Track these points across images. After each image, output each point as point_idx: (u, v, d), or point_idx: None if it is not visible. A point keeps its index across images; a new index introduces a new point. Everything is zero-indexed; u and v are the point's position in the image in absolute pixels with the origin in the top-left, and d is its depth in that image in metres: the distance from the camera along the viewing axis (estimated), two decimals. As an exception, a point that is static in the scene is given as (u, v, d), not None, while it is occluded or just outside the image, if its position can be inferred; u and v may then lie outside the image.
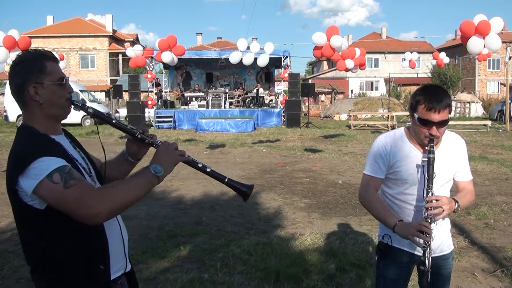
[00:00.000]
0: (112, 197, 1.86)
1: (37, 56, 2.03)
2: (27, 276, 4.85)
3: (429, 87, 2.67)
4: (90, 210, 1.82)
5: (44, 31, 50.82)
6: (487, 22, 10.75)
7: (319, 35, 12.16)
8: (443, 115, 2.52)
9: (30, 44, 12.82)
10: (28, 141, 1.95)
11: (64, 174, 1.84)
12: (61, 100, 2.03)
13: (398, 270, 2.81)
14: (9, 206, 7.26)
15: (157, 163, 2.00)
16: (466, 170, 2.77)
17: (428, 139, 2.56)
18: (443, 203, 2.51)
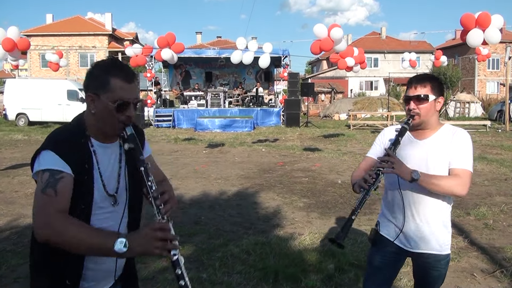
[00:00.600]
0: (63, 232, 1.81)
1: (107, 68, 2.00)
2: (25, 275, 4.85)
3: (419, 73, 2.86)
4: (37, 225, 1.86)
5: (43, 30, 50.75)
6: (487, 15, 10.73)
7: (320, 27, 12.15)
8: (418, 90, 2.69)
9: (29, 46, 12.79)
10: (60, 131, 2.06)
11: (51, 179, 1.88)
12: (112, 120, 2.00)
13: (383, 259, 2.91)
14: (7, 204, 7.25)
15: (129, 240, 1.79)
16: (459, 158, 2.67)
17: (409, 115, 2.73)
18: (394, 160, 2.58)
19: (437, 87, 2.72)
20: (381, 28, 64.86)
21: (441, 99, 2.75)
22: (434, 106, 2.72)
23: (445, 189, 2.61)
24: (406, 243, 2.82)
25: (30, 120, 27.20)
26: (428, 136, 2.76)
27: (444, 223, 2.81)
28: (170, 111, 26.28)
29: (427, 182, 2.58)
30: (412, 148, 2.77)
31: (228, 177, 10.38)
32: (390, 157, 2.59)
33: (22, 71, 51.58)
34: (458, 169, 2.65)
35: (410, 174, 2.55)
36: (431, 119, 2.73)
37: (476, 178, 10.06)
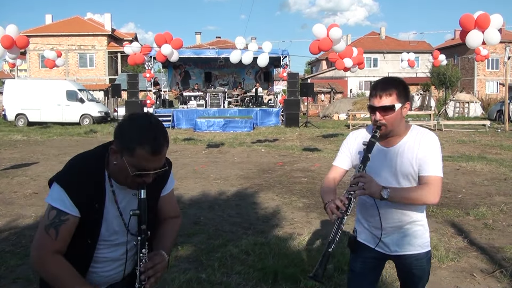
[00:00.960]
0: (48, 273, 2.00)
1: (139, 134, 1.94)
2: (24, 276, 4.84)
3: (383, 78, 2.73)
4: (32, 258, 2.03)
5: (42, 30, 50.78)
6: (486, 16, 10.73)
7: (319, 26, 12.16)
8: (385, 100, 2.56)
9: (28, 44, 12.77)
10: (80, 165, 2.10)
11: (57, 219, 1.99)
12: (127, 180, 2.01)
13: (364, 265, 2.87)
14: (6, 205, 7.23)
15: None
16: (428, 165, 2.58)
17: (376, 126, 2.61)
18: (365, 180, 2.50)
19: (402, 93, 2.61)
20: (381, 28, 64.97)
21: (407, 105, 2.66)
22: (401, 114, 2.62)
23: (417, 201, 2.59)
24: (386, 248, 2.80)
25: (29, 121, 27.22)
26: (396, 143, 2.68)
27: (421, 223, 2.78)
28: (170, 111, 26.27)
29: (397, 198, 2.53)
30: (381, 157, 2.69)
31: (228, 177, 10.37)
32: (361, 177, 2.52)
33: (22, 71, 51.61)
34: (428, 176, 2.58)
35: (380, 194, 2.48)
36: (398, 127, 2.64)
37: (475, 178, 10.06)
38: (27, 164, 12.24)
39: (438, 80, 42.56)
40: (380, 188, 2.50)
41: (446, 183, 9.55)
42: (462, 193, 8.63)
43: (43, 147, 16.59)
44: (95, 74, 50.24)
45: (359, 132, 2.86)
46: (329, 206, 2.56)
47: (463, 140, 17.93)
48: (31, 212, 7.34)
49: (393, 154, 2.67)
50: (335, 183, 2.86)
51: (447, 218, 6.96)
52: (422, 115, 30.14)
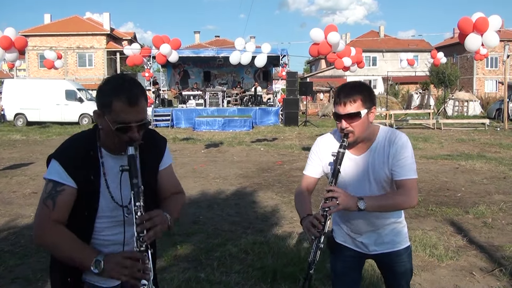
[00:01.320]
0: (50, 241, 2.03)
1: (113, 89, 2.01)
2: (23, 276, 4.83)
3: (346, 83, 2.64)
4: (34, 231, 2.07)
5: (41, 30, 50.73)
6: (485, 19, 10.73)
7: (316, 31, 12.14)
8: (349, 108, 2.47)
9: (26, 44, 12.75)
10: (72, 142, 2.16)
11: (53, 191, 2.04)
12: (114, 139, 2.05)
13: (344, 264, 2.85)
14: (5, 205, 7.22)
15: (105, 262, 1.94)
16: (401, 168, 2.52)
17: (343, 134, 2.53)
18: (338, 195, 2.39)
19: (367, 98, 2.53)
20: (380, 27, 64.94)
21: (373, 109, 2.57)
22: (367, 119, 2.53)
23: (395, 208, 2.56)
24: (364, 247, 2.77)
25: (28, 120, 27.21)
26: (366, 149, 2.62)
27: (397, 221, 2.75)
28: (169, 110, 26.26)
29: (375, 207, 2.45)
30: (351, 166, 2.63)
31: (227, 176, 10.36)
32: (333, 192, 2.40)
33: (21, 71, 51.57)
34: (403, 180, 2.52)
35: (356, 206, 2.39)
36: (366, 133, 2.56)
37: (475, 176, 10.06)
38: (26, 164, 12.23)
39: (437, 79, 42.62)
40: (356, 200, 2.41)
41: (445, 181, 9.56)
42: (461, 191, 8.63)
43: (42, 146, 16.58)
44: (94, 73, 50.17)
45: (327, 138, 2.81)
46: (305, 224, 2.50)
47: (462, 138, 17.94)
48: (30, 211, 7.33)
49: (364, 161, 2.61)
50: (308, 193, 2.82)
51: (447, 216, 6.95)
52: (421, 114, 30.18)
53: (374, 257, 2.83)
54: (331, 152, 2.58)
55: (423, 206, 7.53)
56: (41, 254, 5.31)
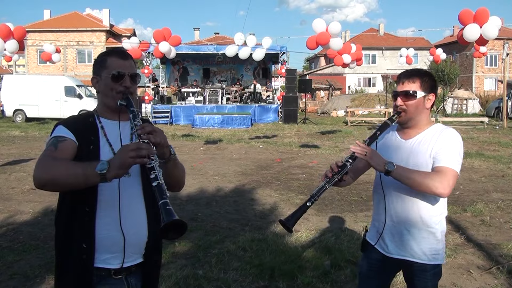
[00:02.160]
0: (50, 170, 1.98)
1: (105, 53, 2.34)
2: (22, 272, 4.84)
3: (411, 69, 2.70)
4: (34, 172, 2.00)
5: (41, 25, 50.60)
6: (485, 10, 10.71)
7: (319, 21, 12.17)
8: (406, 86, 2.56)
9: (25, 34, 12.71)
10: (74, 115, 2.41)
11: (55, 141, 2.12)
12: (111, 92, 2.24)
13: (369, 266, 2.78)
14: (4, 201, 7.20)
15: (109, 160, 1.94)
16: (444, 156, 2.46)
17: (396, 111, 2.60)
18: (368, 150, 2.45)
19: (427, 83, 2.57)
20: (379, 25, 64.78)
21: (431, 96, 2.59)
22: (423, 103, 2.56)
23: (422, 184, 2.39)
24: (385, 247, 2.66)
25: (27, 116, 27.18)
26: (414, 135, 2.61)
27: (430, 229, 2.57)
28: (168, 107, 26.24)
29: (401, 175, 2.40)
30: (395, 148, 2.64)
31: (225, 173, 10.37)
32: (360, 146, 2.46)
33: (20, 67, 51.50)
34: (442, 166, 2.44)
35: (384, 165, 2.39)
36: (419, 117, 2.58)
37: (473, 174, 10.08)
38: (25, 160, 12.22)
39: (437, 77, 42.58)
40: (384, 161, 2.42)
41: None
42: (459, 189, 8.64)
43: (41, 143, 16.55)
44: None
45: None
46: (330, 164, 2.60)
47: (461, 136, 17.89)
48: (28, 208, 7.34)
49: (408, 146, 2.60)
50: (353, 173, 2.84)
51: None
52: (421, 112, 30.13)
53: (400, 263, 2.66)
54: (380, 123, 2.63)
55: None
56: (39, 251, 5.32)
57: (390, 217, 2.63)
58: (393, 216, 2.62)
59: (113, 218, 2.16)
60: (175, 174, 2.33)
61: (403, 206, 2.58)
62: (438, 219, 2.61)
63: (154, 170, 1.98)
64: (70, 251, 2.16)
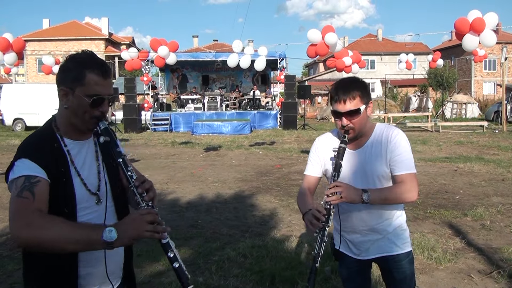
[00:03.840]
0: (45, 230, 1.71)
1: (82, 62, 1.94)
2: (21, 281, 4.81)
3: (342, 79, 2.63)
4: (17, 228, 1.73)
5: (40, 35, 50.74)
6: (481, 19, 10.74)
7: (314, 32, 12.15)
8: (348, 104, 2.50)
9: (24, 46, 12.74)
10: (31, 139, 1.97)
11: (27, 182, 1.80)
12: (85, 115, 1.95)
13: (349, 270, 2.85)
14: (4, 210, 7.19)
15: (117, 228, 1.73)
16: (400, 163, 2.53)
17: (344, 130, 2.55)
18: (341, 188, 2.40)
19: (365, 93, 2.56)
20: (377, 30, 64.96)
21: (370, 104, 2.60)
22: (366, 114, 2.58)
23: (397, 200, 2.54)
24: (359, 253, 2.75)
25: (27, 125, 27.20)
26: (363, 144, 2.64)
27: (396, 224, 2.71)
28: (167, 114, 26.25)
29: (378, 200, 2.47)
30: (350, 161, 2.64)
31: (225, 180, 10.36)
32: (336, 186, 2.42)
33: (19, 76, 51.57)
34: (403, 174, 2.54)
35: (361, 198, 2.42)
36: (365, 128, 2.60)
37: (473, 179, 10.07)
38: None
39: (436, 82, 42.60)
40: (360, 192, 2.43)
41: (443, 184, 9.56)
42: (459, 194, 8.63)
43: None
44: (93, 78, 50.16)
45: (326, 137, 2.83)
46: (307, 218, 2.49)
47: (461, 141, 17.95)
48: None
49: (362, 156, 2.64)
50: (310, 192, 2.83)
51: (445, 219, 6.96)
52: (420, 117, 30.20)
53: (375, 261, 2.79)
54: (332, 148, 2.60)
55: (421, 208, 7.54)
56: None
57: (357, 226, 2.70)
58: (361, 225, 2.69)
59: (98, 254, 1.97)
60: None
61: (367, 214, 2.65)
62: (400, 212, 2.74)
63: (171, 248, 1.93)
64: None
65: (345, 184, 2.46)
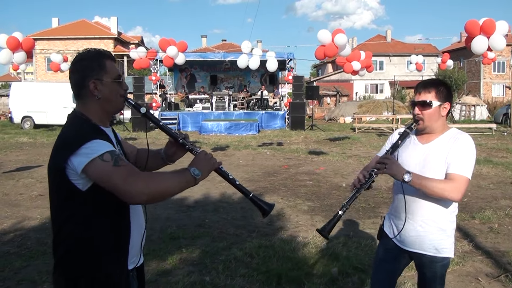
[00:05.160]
0: (156, 183, 2.04)
1: (97, 54, 2.21)
2: (29, 278, 4.86)
3: (428, 78, 2.97)
4: (135, 189, 1.98)
5: (49, 33, 51.01)
6: (492, 21, 10.70)
7: (324, 32, 12.15)
8: (423, 96, 2.80)
9: (33, 46, 12.84)
10: (81, 126, 2.13)
11: (115, 155, 2.03)
12: (116, 96, 2.23)
13: (385, 252, 3.07)
14: (12, 207, 7.22)
15: (196, 167, 2.20)
16: (457, 163, 2.70)
17: (414, 120, 2.85)
18: (388, 160, 2.70)
19: (443, 93, 2.79)
20: (387, 31, 64.81)
21: (447, 105, 2.80)
22: (438, 112, 2.79)
23: (436, 191, 2.65)
24: (402, 241, 2.94)
25: (35, 123, 27.31)
26: (431, 140, 2.83)
27: (442, 227, 2.84)
28: (175, 114, 26.29)
29: (418, 183, 2.64)
30: (412, 151, 2.87)
31: (233, 180, 10.34)
32: (386, 158, 2.72)
33: (28, 74, 51.87)
34: (454, 174, 2.68)
35: (402, 175, 2.64)
36: (435, 124, 2.81)
37: (481, 181, 10.02)
38: (33, 167, 12.28)
39: (444, 83, 42.46)
40: (403, 171, 2.65)
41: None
42: (467, 196, 8.59)
43: (49, 149, 16.43)
44: (101, 77, 50.34)
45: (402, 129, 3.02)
46: (354, 178, 2.84)
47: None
48: (36, 214, 7.37)
49: (425, 150, 2.83)
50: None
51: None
52: (428, 118, 30.01)
53: (411, 254, 2.95)
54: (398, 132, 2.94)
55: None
56: (47, 256, 5.33)
57: (408, 217, 2.87)
58: (410, 216, 2.86)
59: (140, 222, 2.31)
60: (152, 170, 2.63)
61: (419, 208, 2.83)
62: (450, 218, 2.89)
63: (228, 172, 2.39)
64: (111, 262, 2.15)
65: (393, 159, 2.75)
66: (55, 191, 2.14)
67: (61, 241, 2.14)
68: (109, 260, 2.13)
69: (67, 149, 2.02)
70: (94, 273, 2.11)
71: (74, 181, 2.03)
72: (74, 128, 2.14)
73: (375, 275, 3.15)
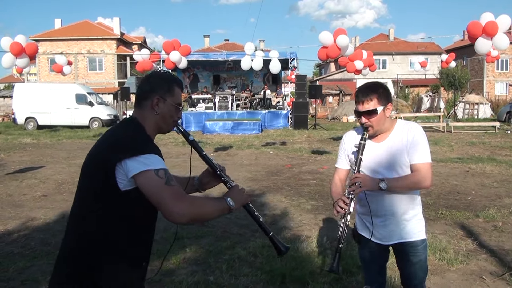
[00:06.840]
0: (198, 207, 2.21)
1: (171, 79, 2.45)
2: (33, 278, 4.87)
3: (363, 84, 3.04)
4: (180, 210, 2.10)
5: (52, 34, 50.99)
6: (494, 23, 10.67)
7: (325, 34, 12.12)
8: (366, 105, 2.91)
9: (37, 50, 12.86)
10: (140, 134, 2.31)
11: (168, 174, 2.18)
12: (171, 119, 2.44)
13: (370, 253, 3.21)
14: (15, 207, 7.22)
15: (231, 198, 2.37)
16: (417, 153, 2.91)
17: (364, 128, 2.96)
18: (361, 179, 2.85)
19: (383, 95, 2.94)
20: (389, 30, 64.65)
21: (389, 106, 2.97)
22: (384, 115, 2.94)
23: (411, 187, 2.94)
24: (383, 238, 3.10)
25: (38, 124, 27.42)
26: (385, 138, 3.01)
27: (412, 213, 3.04)
28: (178, 114, 26.22)
29: (394, 187, 2.87)
30: (371, 151, 3.00)
31: (236, 179, 10.33)
32: (356, 178, 2.86)
33: (31, 75, 51.95)
34: (418, 164, 2.91)
35: (378, 186, 2.83)
36: (384, 126, 2.97)
37: (485, 179, 10.00)
38: (37, 167, 12.30)
39: (447, 82, 42.35)
40: (377, 181, 2.85)
41: (455, 185, 9.51)
42: (471, 195, 8.58)
43: (53, 150, 16.69)
44: (104, 77, 50.37)
45: (351, 133, 3.22)
46: (334, 207, 2.94)
47: (473, 141, 17.83)
48: (40, 214, 7.38)
49: (384, 148, 3.00)
50: (341, 184, 3.22)
51: (457, 220, 6.91)
52: (432, 117, 30.04)
53: (393, 246, 3.14)
54: (354, 144, 3.05)
55: (433, 209, 7.50)
56: (51, 257, 5.34)
57: (376, 213, 3.04)
58: (381, 212, 3.04)
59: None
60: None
61: (384, 202, 3.01)
62: (417, 201, 3.11)
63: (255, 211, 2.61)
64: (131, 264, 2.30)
65: (363, 175, 2.92)
66: (91, 181, 2.24)
67: (79, 235, 2.24)
68: (130, 265, 2.30)
69: (125, 152, 2.14)
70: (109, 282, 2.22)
71: (118, 178, 2.14)
72: (131, 132, 2.29)
73: (368, 275, 3.34)
